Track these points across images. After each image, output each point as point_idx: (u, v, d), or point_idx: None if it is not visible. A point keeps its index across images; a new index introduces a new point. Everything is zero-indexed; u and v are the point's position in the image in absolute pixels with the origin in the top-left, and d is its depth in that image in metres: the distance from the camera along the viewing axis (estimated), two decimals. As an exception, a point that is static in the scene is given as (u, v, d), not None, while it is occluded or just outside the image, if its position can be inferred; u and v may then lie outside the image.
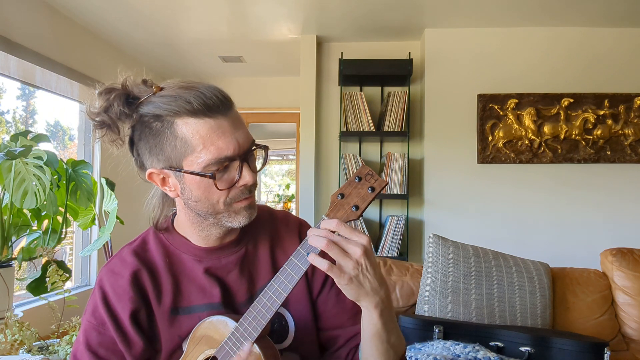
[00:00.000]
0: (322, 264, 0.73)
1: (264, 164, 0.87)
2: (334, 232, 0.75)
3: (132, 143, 0.84)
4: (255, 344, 0.79)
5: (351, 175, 3.34)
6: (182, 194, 0.83)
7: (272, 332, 0.90)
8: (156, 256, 0.89)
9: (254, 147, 0.83)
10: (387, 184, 0.78)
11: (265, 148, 0.86)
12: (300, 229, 0.99)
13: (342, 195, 0.78)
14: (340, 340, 0.94)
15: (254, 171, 0.83)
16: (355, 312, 0.93)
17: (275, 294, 0.78)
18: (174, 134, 0.77)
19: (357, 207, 0.77)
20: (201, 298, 0.87)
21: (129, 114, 0.79)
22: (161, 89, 0.79)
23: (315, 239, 0.74)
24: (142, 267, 0.87)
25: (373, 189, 0.77)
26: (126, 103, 0.79)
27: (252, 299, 0.89)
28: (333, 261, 0.74)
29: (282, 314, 0.92)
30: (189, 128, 0.77)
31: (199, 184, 0.79)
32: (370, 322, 0.78)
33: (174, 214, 0.94)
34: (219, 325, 0.83)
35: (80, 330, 0.87)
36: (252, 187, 0.83)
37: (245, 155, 0.80)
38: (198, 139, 0.76)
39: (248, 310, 0.80)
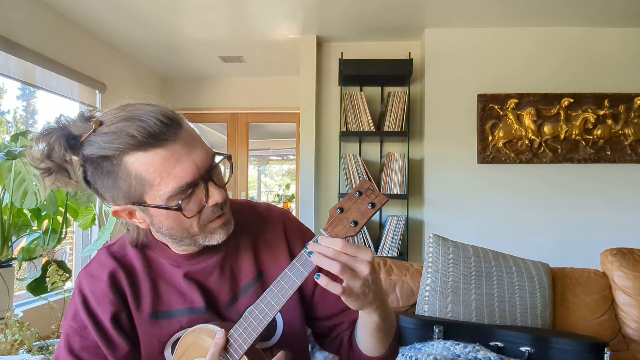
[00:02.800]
0: (336, 289, 0.71)
1: (231, 173, 0.82)
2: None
3: (87, 182, 0.78)
4: (245, 356, 0.78)
5: (351, 176, 3.32)
6: (152, 224, 0.80)
7: None
8: (134, 260, 0.88)
9: (216, 163, 0.78)
10: (387, 200, 0.76)
11: (229, 157, 0.81)
12: (285, 221, 0.97)
13: (342, 210, 0.76)
14: (344, 325, 0.95)
15: (221, 186, 0.78)
16: None
17: (267, 306, 0.77)
18: (127, 172, 0.72)
19: (355, 223, 0.75)
20: (181, 303, 0.86)
21: (74, 156, 0.74)
22: (100, 123, 0.73)
23: (325, 261, 0.72)
24: (119, 269, 0.86)
25: (373, 205, 0.75)
26: (68, 146, 0.73)
27: (235, 298, 0.88)
28: (333, 276, 0.73)
29: None
30: (140, 163, 0.71)
31: (166, 215, 0.76)
32: (370, 321, 0.81)
33: None
34: (208, 335, 0.81)
35: (62, 335, 0.86)
36: (223, 205, 0.79)
37: (208, 174, 0.76)
38: (153, 173, 0.71)
39: (239, 321, 0.79)
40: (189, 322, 0.85)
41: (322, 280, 0.72)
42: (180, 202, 0.73)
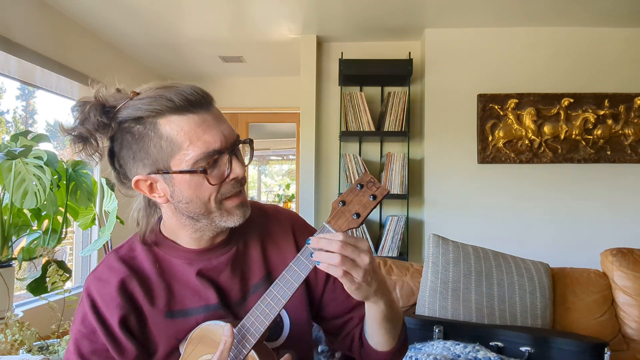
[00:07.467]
0: (337, 272, 0.73)
1: (251, 157, 0.88)
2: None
3: (112, 155, 0.82)
4: (252, 350, 0.78)
5: (351, 176, 3.32)
6: (172, 197, 0.81)
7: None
8: (145, 263, 0.87)
9: (240, 142, 0.83)
10: (388, 191, 0.78)
11: (250, 142, 0.86)
12: (293, 224, 0.98)
13: (344, 203, 0.77)
14: (355, 320, 0.96)
15: (243, 165, 0.82)
16: None
17: (273, 300, 0.77)
18: (158, 134, 0.76)
19: (358, 215, 0.76)
20: (197, 301, 0.86)
21: (107, 123, 0.77)
22: (137, 93, 0.78)
23: (326, 256, 0.73)
24: (130, 275, 0.85)
25: (375, 197, 0.76)
26: (103, 112, 0.77)
27: (244, 297, 0.89)
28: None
29: None
30: (173, 126, 0.76)
31: (189, 183, 0.78)
32: (377, 310, 0.82)
33: (159, 219, 0.92)
34: (217, 330, 0.81)
35: (71, 340, 0.86)
36: (242, 181, 0.83)
37: (233, 148, 0.80)
38: (183, 136, 0.75)
39: (246, 316, 0.80)
40: (205, 318, 0.85)
41: (323, 265, 0.74)
42: (205, 165, 0.77)
